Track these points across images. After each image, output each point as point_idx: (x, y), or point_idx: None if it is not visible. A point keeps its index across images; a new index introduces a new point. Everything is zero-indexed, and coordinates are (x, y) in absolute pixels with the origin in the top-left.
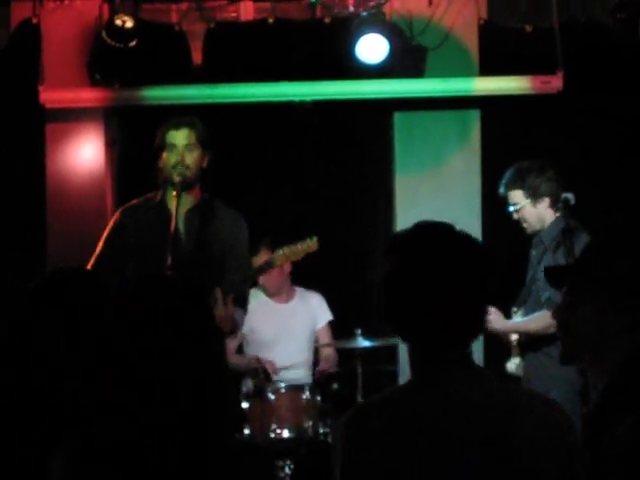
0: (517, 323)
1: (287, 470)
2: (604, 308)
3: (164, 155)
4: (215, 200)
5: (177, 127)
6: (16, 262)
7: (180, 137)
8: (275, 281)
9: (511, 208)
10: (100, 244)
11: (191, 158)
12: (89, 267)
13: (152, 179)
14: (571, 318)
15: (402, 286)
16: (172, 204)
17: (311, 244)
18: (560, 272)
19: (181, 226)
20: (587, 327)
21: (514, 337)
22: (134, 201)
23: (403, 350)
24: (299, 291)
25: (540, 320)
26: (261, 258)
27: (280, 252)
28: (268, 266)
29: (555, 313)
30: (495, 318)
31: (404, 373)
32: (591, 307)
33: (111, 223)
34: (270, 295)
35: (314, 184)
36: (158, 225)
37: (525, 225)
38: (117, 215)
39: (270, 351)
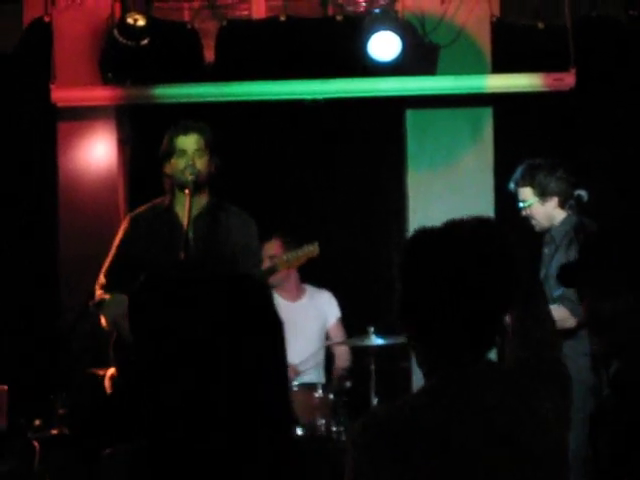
0: None
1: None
2: (629, 299)
3: (173, 161)
4: (225, 203)
5: (186, 132)
6: (28, 260)
7: (190, 142)
8: (280, 275)
9: (520, 205)
10: (110, 254)
11: (201, 163)
12: (101, 274)
13: (164, 177)
14: (599, 316)
15: (420, 289)
16: (181, 208)
17: (313, 249)
18: (572, 270)
19: (190, 231)
20: (618, 321)
21: None
22: (142, 208)
23: None
24: (309, 289)
25: (555, 314)
26: (272, 246)
27: (283, 257)
28: (270, 272)
29: (586, 314)
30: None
31: (417, 371)
32: (616, 301)
33: (120, 232)
34: (275, 289)
35: (326, 182)
36: (167, 231)
37: (534, 222)
38: (126, 224)
39: None
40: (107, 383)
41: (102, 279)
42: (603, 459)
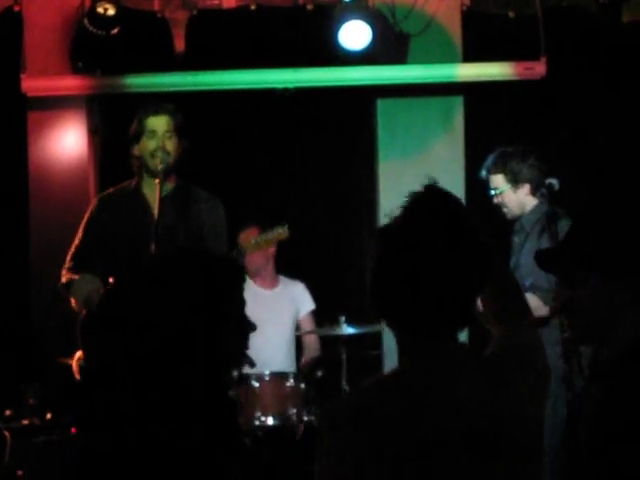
0: None
1: (271, 457)
2: (597, 289)
3: (143, 141)
4: (191, 187)
5: (157, 113)
6: None
7: (160, 123)
8: (256, 262)
9: (492, 192)
10: (78, 235)
11: (171, 145)
12: (68, 257)
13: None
14: (571, 302)
15: (391, 271)
16: (150, 191)
17: (282, 232)
18: (550, 255)
19: (155, 213)
20: (587, 309)
21: None
22: (110, 190)
23: (387, 335)
24: (282, 280)
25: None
26: (250, 234)
27: (252, 241)
28: (239, 254)
29: (555, 299)
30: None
31: (388, 358)
32: (586, 289)
33: (87, 213)
34: (250, 276)
35: (297, 171)
36: (135, 213)
37: (505, 210)
38: (93, 205)
39: (253, 337)
40: (75, 367)
41: (69, 262)
42: (580, 449)
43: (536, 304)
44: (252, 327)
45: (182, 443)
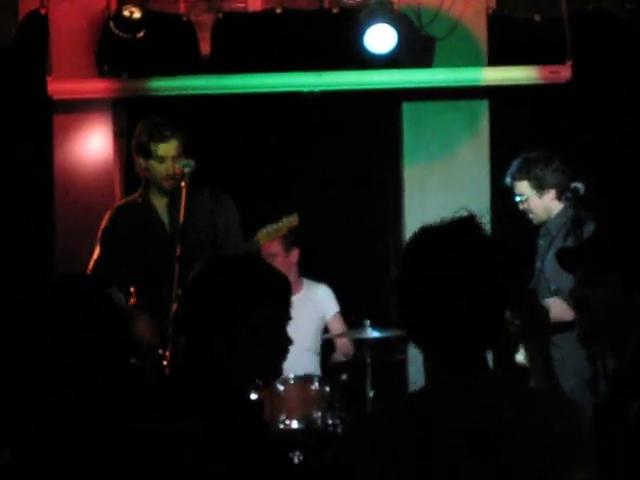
0: None
1: (296, 461)
2: (617, 289)
3: (152, 163)
4: (199, 187)
5: (164, 139)
6: (24, 254)
7: (170, 149)
8: (272, 250)
9: (517, 199)
10: (95, 249)
11: (180, 166)
12: (89, 271)
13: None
14: (586, 300)
15: (414, 294)
16: (158, 201)
17: (292, 219)
18: (572, 255)
19: (166, 219)
20: (603, 309)
21: None
22: (124, 200)
23: None
24: (306, 283)
25: (553, 307)
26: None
27: (263, 230)
28: (252, 246)
29: (571, 295)
30: None
31: (413, 363)
32: (604, 289)
33: (101, 227)
34: None
35: (322, 175)
36: (146, 223)
37: (531, 216)
38: (105, 219)
39: None
40: None
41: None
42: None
43: (562, 307)
44: (289, 341)
45: (178, 439)
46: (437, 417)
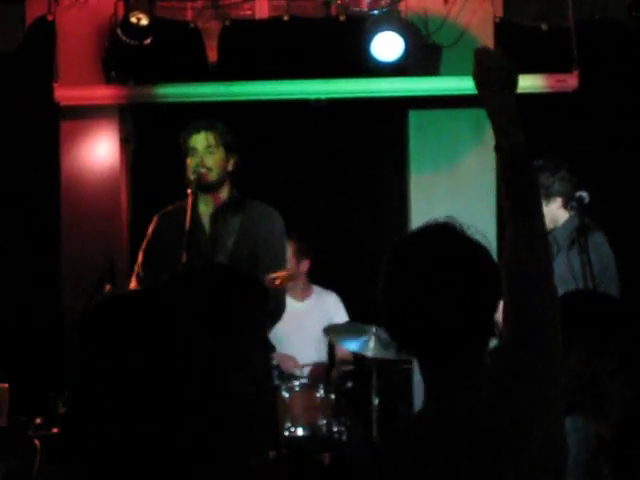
0: None
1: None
2: (584, 357)
3: (187, 160)
4: (246, 198)
5: (197, 131)
6: (31, 259)
7: (200, 140)
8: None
9: None
10: (140, 253)
11: (212, 160)
12: (135, 275)
13: (167, 177)
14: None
15: (401, 298)
16: (204, 207)
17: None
18: None
19: (207, 228)
20: (576, 377)
21: None
22: (169, 207)
23: None
24: (316, 290)
25: None
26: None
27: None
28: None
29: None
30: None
31: (418, 371)
32: (573, 358)
33: (149, 230)
34: None
35: (328, 182)
36: (185, 231)
37: None
38: (154, 221)
39: (284, 348)
40: None
41: (138, 269)
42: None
43: None
44: (271, 349)
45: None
46: (436, 439)
